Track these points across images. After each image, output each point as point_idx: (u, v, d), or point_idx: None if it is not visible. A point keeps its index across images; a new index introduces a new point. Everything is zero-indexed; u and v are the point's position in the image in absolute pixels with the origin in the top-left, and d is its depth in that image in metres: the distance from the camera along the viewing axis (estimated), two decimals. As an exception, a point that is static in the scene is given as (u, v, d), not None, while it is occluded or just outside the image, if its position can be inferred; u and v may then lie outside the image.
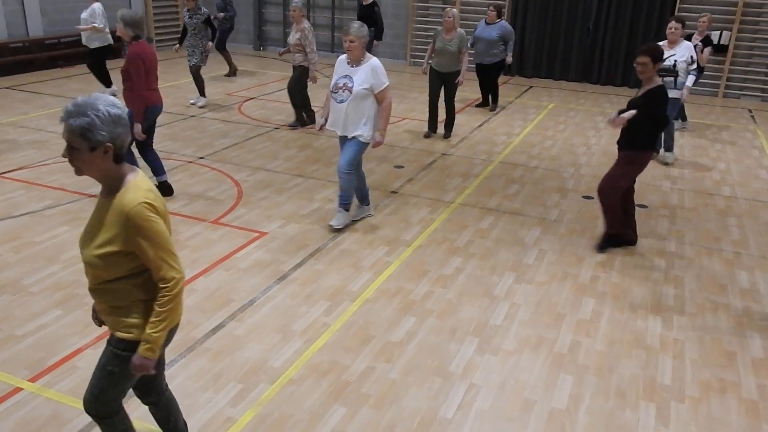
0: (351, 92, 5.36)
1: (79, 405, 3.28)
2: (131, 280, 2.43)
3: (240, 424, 3.34)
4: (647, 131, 5.20)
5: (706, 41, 8.87)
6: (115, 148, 2.29)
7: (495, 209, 6.37)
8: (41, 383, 3.60)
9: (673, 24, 7.33)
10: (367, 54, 5.47)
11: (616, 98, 11.88)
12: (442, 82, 8.54)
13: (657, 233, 5.96)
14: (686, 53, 7.32)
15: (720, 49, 12.25)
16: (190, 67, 9.79)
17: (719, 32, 8.83)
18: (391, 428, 3.38)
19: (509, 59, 10.00)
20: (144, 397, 2.88)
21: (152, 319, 2.41)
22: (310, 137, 8.60)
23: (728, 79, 12.30)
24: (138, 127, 5.79)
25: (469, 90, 11.12)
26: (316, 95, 9.81)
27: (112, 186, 2.38)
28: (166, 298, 2.40)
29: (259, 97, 10.76)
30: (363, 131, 5.47)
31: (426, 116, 8.91)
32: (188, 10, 9.65)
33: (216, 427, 3.33)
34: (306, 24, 8.54)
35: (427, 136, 8.81)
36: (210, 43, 9.79)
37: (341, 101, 5.42)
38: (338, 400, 3.57)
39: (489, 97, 10.55)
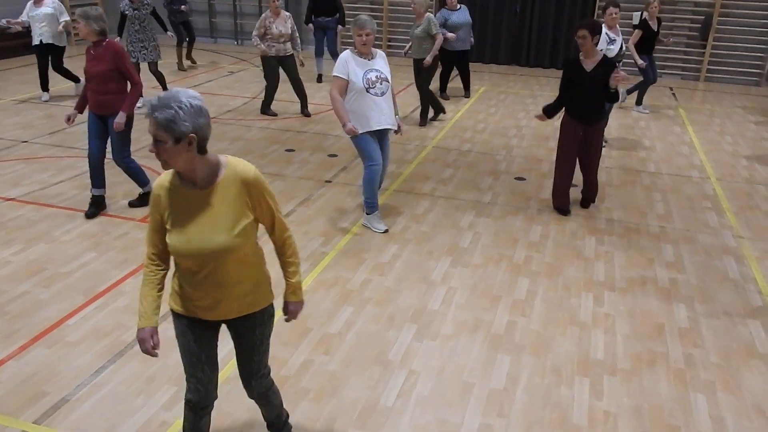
0: (389, 82, 5.32)
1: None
2: (257, 249, 2.63)
3: (175, 428, 3.24)
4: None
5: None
6: (199, 139, 2.34)
7: (430, 194, 6.40)
8: None
9: (612, 9, 7.44)
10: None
11: (545, 80, 12.11)
12: (416, 69, 8.60)
13: (587, 211, 6.11)
14: (619, 40, 7.47)
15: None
16: (149, 65, 9.18)
17: (640, 13, 9.09)
18: (331, 421, 3.35)
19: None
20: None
21: (292, 269, 2.73)
22: (240, 129, 8.42)
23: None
24: (123, 116, 5.40)
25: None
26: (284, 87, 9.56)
27: (203, 174, 2.43)
28: (293, 248, 2.72)
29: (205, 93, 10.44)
30: (395, 121, 5.45)
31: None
32: (131, 2, 8.85)
33: (152, 429, 3.23)
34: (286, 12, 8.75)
35: (422, 124, 8.85)
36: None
37: (382, 93, 5.28)
38: (277, 396, 3.51)
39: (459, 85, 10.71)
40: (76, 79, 9.61)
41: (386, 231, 5.53)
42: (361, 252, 5.16)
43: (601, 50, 6.25)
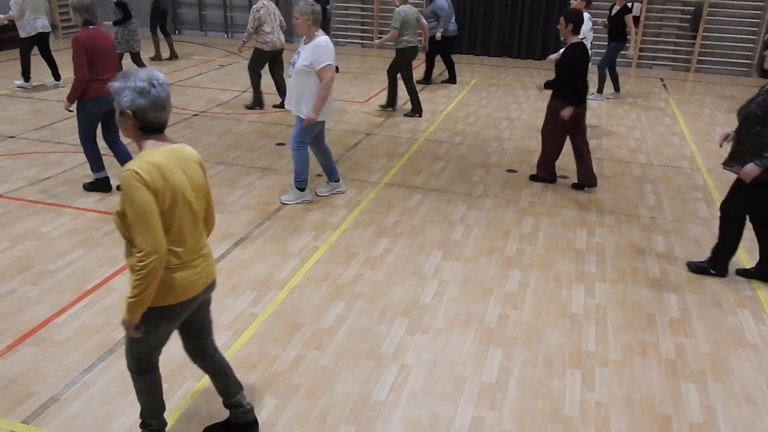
0: (294, 67, 5.41)
1: None
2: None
3: (171, 419, 3.22)
4: (567, 84, 6.02)
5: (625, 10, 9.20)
6: (136, 119, 2.46)
7: (421, 187, 6.38)
8: None
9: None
10: (318, 32, 5.41)
11: (536, 71, 12.10)
12: (396, 60, 8.67)
13: (579, 203, 6.11)
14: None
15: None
16: (133, 56, 9.32)
17: (631, 3, 9.12)
18: (323, 416, 3.34)
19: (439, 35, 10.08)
20: (193, 360, 3.06)
21: (130, 285, 2.54)
22: (230, 123, 8.37)
23: (641, 50, 12.72)
24: (66, 103, 5.67)
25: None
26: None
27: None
28: (137, 268, 2.45)
29: (176, 83, 10.38)
30: (304, 108, 5.47)
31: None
32: None
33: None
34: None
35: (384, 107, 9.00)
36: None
37: (290, 77, 5.54)
38: (268, 392, 3.49)
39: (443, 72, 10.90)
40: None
41: (280, 201, 5.88)
42: (352, 246, 5.14)
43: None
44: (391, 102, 9.02)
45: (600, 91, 10.01)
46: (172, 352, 3.78)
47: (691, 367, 3.80)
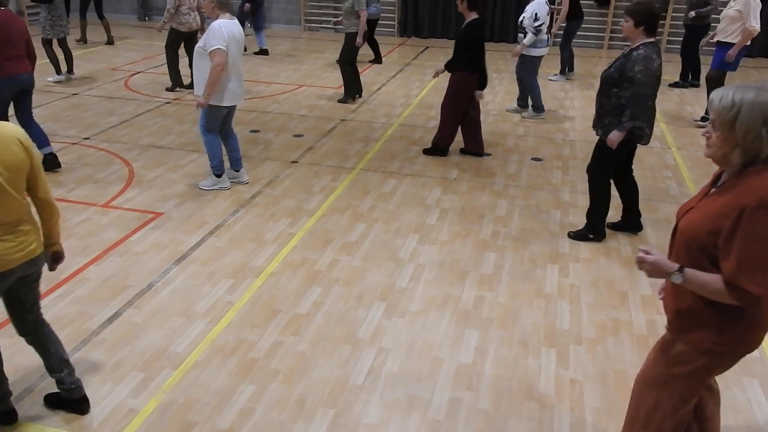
0: (199, 49, 5.43)
1: None
2: None
3: (143, 415, 3.21)
4: (463, 57, 6.47)
5: None
6: None
7: (397, 172, 6.39)
8: None
9: None
10: (224, 15, 5.41)
11: (509, 55, 12.12)
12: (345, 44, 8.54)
13: (552, 184, 6.17)
14: (530, 10, 7.68)
15: (603, 3, 12.77)
16: (59, 41, 9.08)
17: None
18: (301, 401, 3.35)
19: None
20: (19, 331, 3.10)
21: None
22: (204, 110, 8.27)
23: (612, 31, 12.82)
24: None
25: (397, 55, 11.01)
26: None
27: None
28: None
29: (147, 71, 10.23)
30: (199, 91, 5.48)
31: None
32: None
33: (118, 419, 3.19)
34: None
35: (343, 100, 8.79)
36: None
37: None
38: (246, 378, 3.50)
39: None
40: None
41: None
42: (329, 232, 5.14)
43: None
44: (357, 88, 8.95)
45: (562, 72, 10.14)
46: (148, 342, 3.77)
47: (662, 343, 3.88)
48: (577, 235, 5.11)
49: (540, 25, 7.59)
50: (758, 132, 2.10)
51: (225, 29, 5.31)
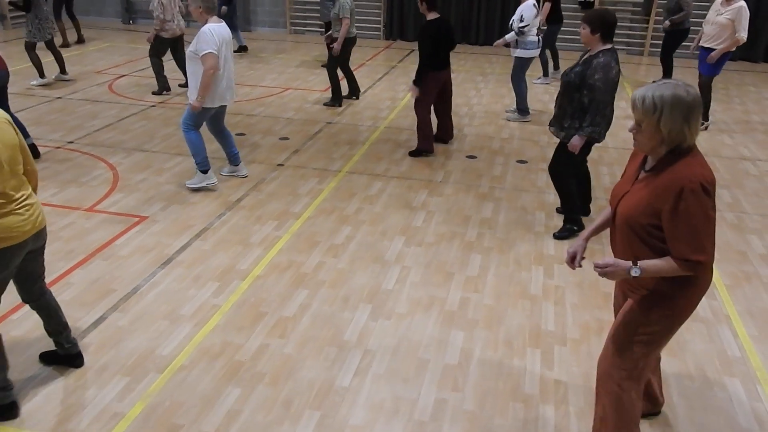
0: (191, 53, 5.48)
1: None
2: None
3: (128, 419, 3.21)
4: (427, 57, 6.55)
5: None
6: None
7: (383, 175, 6.41)
8: None
9: None
10: (212, 19, 5.46)
11: (495, 57, 12.20)
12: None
13: (537, 186, 6.22)
14: (518, 12, 7.84)
15: (588, 7, 12.89)
16: (46, 43, 9.05)
17: None
18: (288, 403, 3.36)
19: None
20: (24, 298, 3.35)
21: None
22: (189, 113, 8.24)
23: None
24: None
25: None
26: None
27: None
28: None
29: (132, 74, 10.18)
30: (192, 94, 5.55)
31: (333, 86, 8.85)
32: None
33: (102, 424, 3.17)
34: None
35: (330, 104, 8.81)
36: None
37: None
38: (232, 381, 3.50)
39: None
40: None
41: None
42: (315, 235, 5.15)
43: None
44: (354, 91, 8.99)
45: (545, 74, 10.23)
46: (133, 345, 3.76)
47: (645, 343, 3.92)
48: (562, 234, 5.18)
49: (524, 27, 7.69)
50: (680, 128, 2.42)
51: (215, 33, 5.38)
